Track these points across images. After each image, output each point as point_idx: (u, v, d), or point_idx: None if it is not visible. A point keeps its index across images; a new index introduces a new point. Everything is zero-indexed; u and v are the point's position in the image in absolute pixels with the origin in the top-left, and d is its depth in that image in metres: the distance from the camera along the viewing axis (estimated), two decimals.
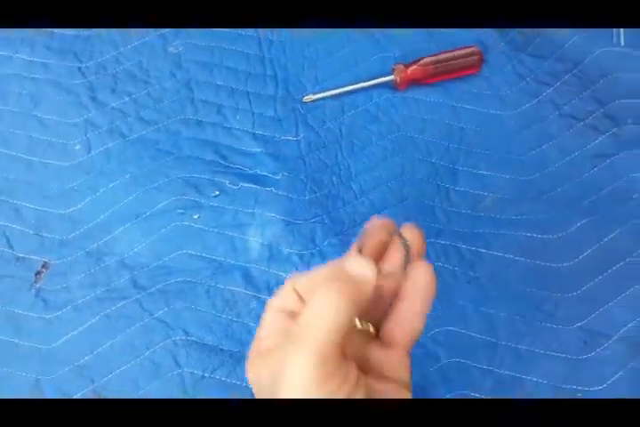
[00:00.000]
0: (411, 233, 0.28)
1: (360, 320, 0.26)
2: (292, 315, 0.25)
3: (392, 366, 0.26)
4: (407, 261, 0.27)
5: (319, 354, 0.21)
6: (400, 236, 0.28)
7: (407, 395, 0.25)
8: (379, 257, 0.28)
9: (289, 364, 0.21)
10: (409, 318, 0.26)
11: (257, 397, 0.25)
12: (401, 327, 0.26)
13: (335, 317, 0.22)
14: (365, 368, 0.25)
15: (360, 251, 0.28)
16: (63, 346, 0.42)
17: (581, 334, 0.42)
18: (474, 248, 0.44)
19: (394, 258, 0.28)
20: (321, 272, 0.25)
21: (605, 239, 0.44)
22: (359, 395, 0.22)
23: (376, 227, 0.29)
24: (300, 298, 0.26)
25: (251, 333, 0.43)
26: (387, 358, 0.26)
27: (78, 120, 0.50)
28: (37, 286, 0.45)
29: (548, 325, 0.42)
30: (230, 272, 0.45)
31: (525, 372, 0.40)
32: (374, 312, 0.27)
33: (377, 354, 0.26)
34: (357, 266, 0.25)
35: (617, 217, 0.45)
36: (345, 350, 0.23)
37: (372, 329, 0.27)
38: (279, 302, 0.26)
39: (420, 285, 0.26)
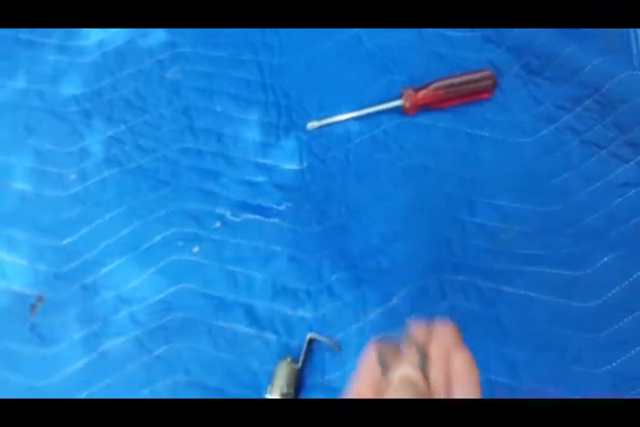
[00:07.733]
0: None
1: None
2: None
3: None
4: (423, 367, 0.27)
5: None
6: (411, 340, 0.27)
7: None
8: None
9: None
10: None
11: None
12: None
13: None
14: None
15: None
16: (58, 383, 0.41)
17: (610, 378, 0.39)
18: (494, 286, 0.41)
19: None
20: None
21: (635, 276, 0.41)
22: None
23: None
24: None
25: (254, 374, 0.41)
26: None
27: (73, 149, 0.48)
28: (32, 320, 0.43)
29: (574, 368, 0.39)
30: (232, 309, 0.42)
31: None
32: None
33: None
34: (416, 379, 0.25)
35: None
36: None
37: None
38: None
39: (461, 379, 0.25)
